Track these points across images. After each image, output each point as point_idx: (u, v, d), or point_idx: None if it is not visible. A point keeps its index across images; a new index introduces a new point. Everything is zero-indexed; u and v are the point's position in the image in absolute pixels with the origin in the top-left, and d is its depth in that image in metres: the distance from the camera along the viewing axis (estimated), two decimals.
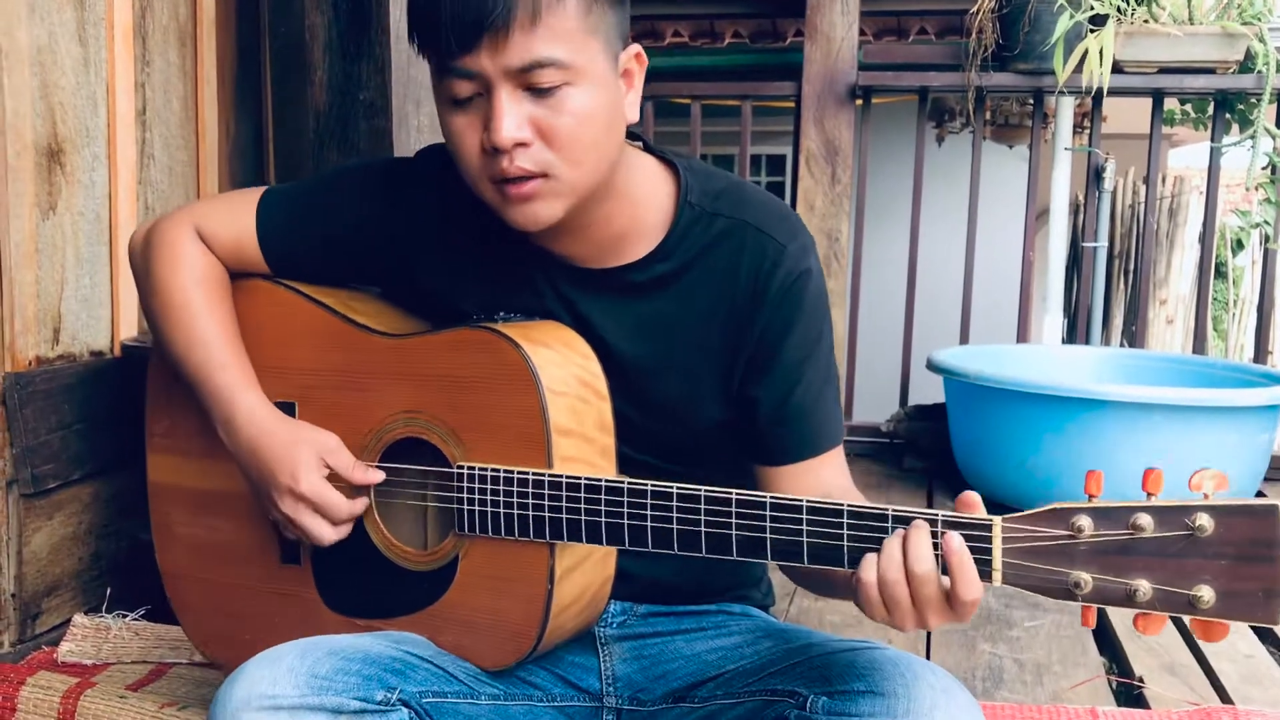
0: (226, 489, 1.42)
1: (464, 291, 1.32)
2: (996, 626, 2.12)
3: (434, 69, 1.16)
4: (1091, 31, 3.27)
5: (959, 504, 1.04)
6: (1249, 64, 3.34)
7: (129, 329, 2.13)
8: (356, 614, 1.34)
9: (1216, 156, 3.48)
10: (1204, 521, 0.94)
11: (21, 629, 1.90)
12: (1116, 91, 3.35)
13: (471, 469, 1.22)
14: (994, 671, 1.92)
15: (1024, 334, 3.74)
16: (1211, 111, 3.54)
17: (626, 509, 1.15)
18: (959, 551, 1.00)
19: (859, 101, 3.59)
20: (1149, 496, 0.97)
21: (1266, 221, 3.47)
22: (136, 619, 1.96)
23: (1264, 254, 3.56)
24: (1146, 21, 3.31)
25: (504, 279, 1.31)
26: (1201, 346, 3.63)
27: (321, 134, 2.23)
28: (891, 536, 1.04)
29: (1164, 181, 5.57)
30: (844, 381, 3.68)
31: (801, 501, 1.08)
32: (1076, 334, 4.10)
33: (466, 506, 1.23)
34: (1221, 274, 7.78)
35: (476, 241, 1.31)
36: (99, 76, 2.04)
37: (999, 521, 1.01)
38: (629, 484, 1.15)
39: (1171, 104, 4.38)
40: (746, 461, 1.32)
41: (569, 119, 1.13)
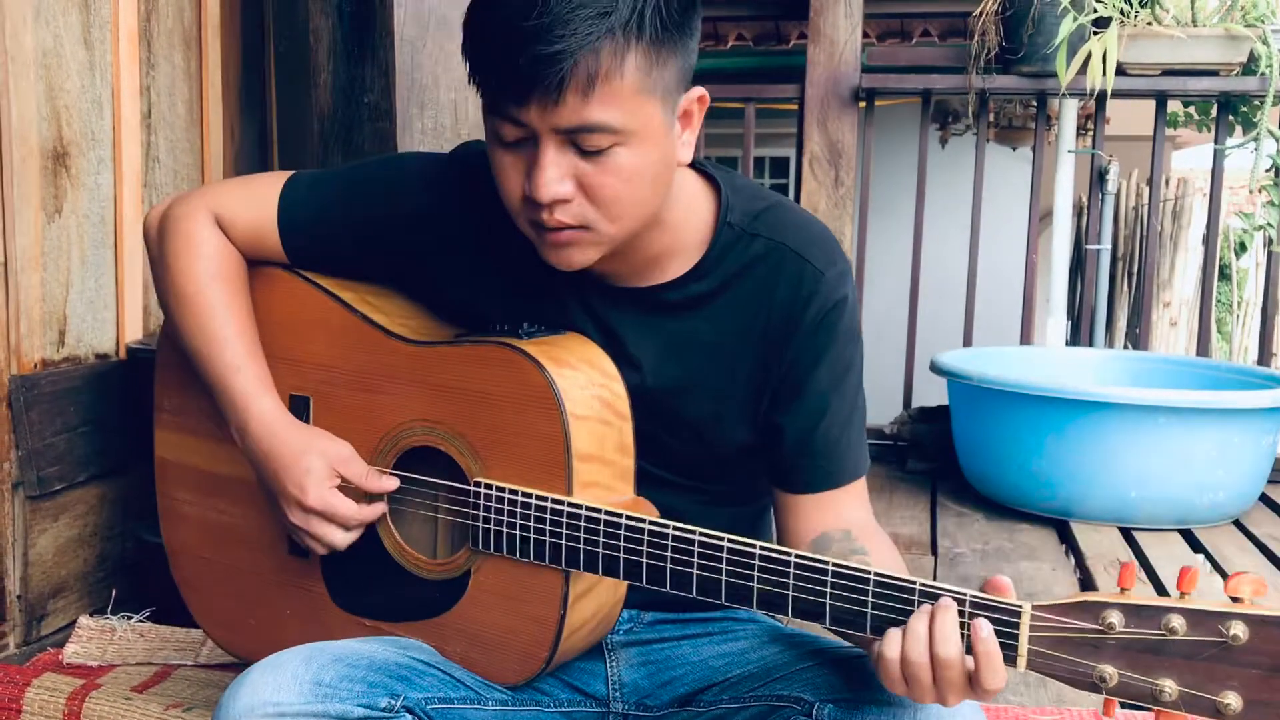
0: (236, 474, 1.41)
1: (490, 298, 1.30)
2: None
3: (484, 103, 1.12)
4: (1095, 34, 3.27)
5: (988, 587, 1.02)
6: (1252, 66, 3.34)
7: (134, 331, 2.13)
8: (363, 614, 1.33)
9: (1220, 159, 3.48)
10: (1239, 630, 0.93)
11: (27, 630, 1.90)
12: (1120, 94, 3.35)
13: (489, 487, 1.21)
14: None
15: (1027, 336, 3.74)
16: (1215, 114, 3.54)
17: (646, 548, 1.14)
18: (986, 640, 0.98)
19: (862, 104, 3.59)
20: (1182, 595, 0.96)
21: (1270, 224, 3.47)
22: (142, 621, 1.96)
23: (1268, 256, 3.56)
24: (1150, 24, 3.31)
25: (533, 289, 1.28)
26: (1205, 349, 3.63)
27: (326, 137, 2.23)
28: (918, 614, 1.02)
29: (1167, 184, 5.56)
30: None
31: (828, 564, 1.06)
32: (1080, 336, 4.10)
33: (483, 524, 1.22)
34: (1225, 276, 7.77)
35: (508, 249, 1.28)
36: (104, 80, 2.04)
37: (1028, 609, 0.99)
38: (650, 524, 1.14)
39: (1175, 106, 4.38)
40: (768, 484, 1.31)
41: (614, 179, 1.10)
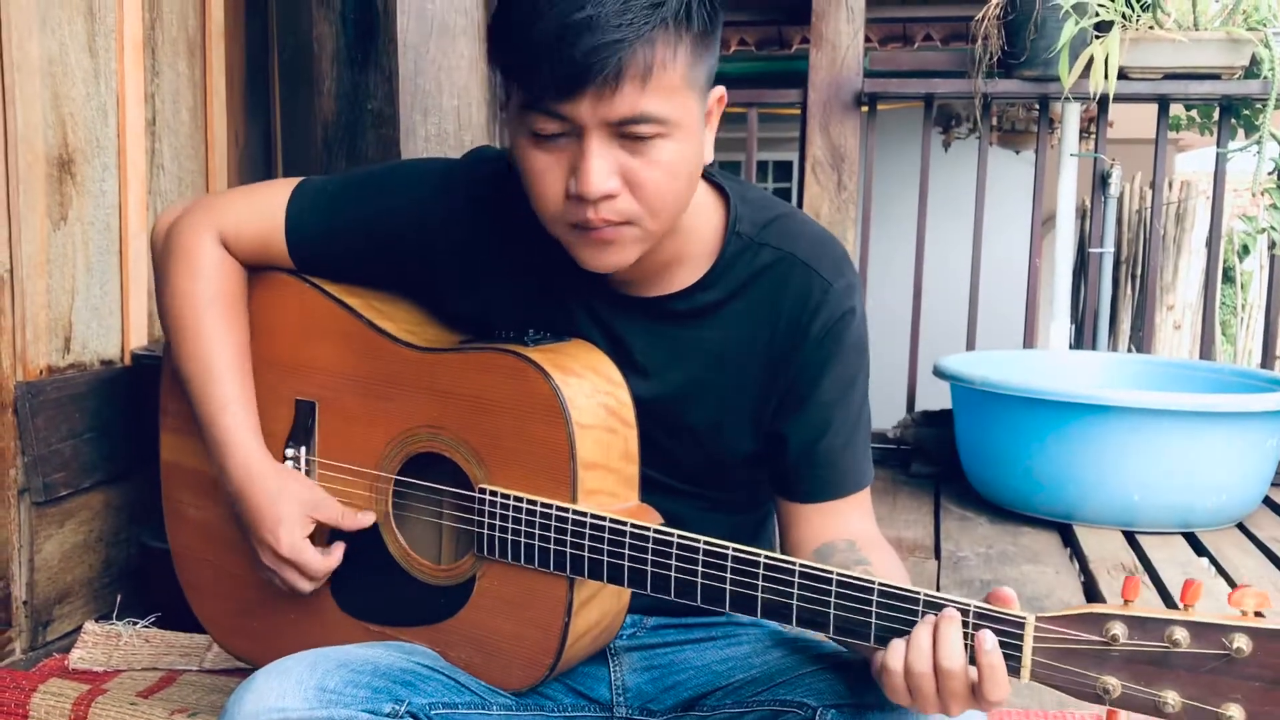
0: None
1: (497, 304, 1.30)
2: None
3: (518, 101, 1.11)
4: (1097, 38, 3.27)
5: (992, 598, 1.02)
6: (1254, 69, 3.34)
7: (139, 338, 2.14)
8: (368, 618, 1.34)
9: (1222, 162, 3.48)
10: (1242, 643, 0.93)
11: (33, 636, 1.91)
12: (1122, 98, 3.36)
13: (494, 494, 1.22)
14: None
15: (1031, 340, 3.74)
16: (1217, 117, 3.54)
17: (651, 556, 1.14)
18: (991, 652, 0.98)
19: (865, 108, 3.60)
20: (1186, 608, 0.96)
21: (1273, 227, 3.47)
22: (147, 626, 1.97)
23: (1271, 259, 3.56)
24: (1152, 28, 3.31)
25: (540, 295, 1.29)
26: (1209, 352, 3.63)
27: (329, 144, 2.24)
28: (922, 625, 1.02)
29: (1171, 187, 5.56)
30: None
31: (832, 574, 1.06)
32: (1083, 339, 4.09)
33: (488, 531, 1.22)
34: (1229, 279, 7.76)
35: (516, 255, 1.28)
36: (109, 87, 2.05)
37: (1032, 620, 0.99)
38: (655, 531, 1.14)
39: (1177, 109, 4.38)
40: (772, 493, 1.31)
41: (659, 172, 1.10)
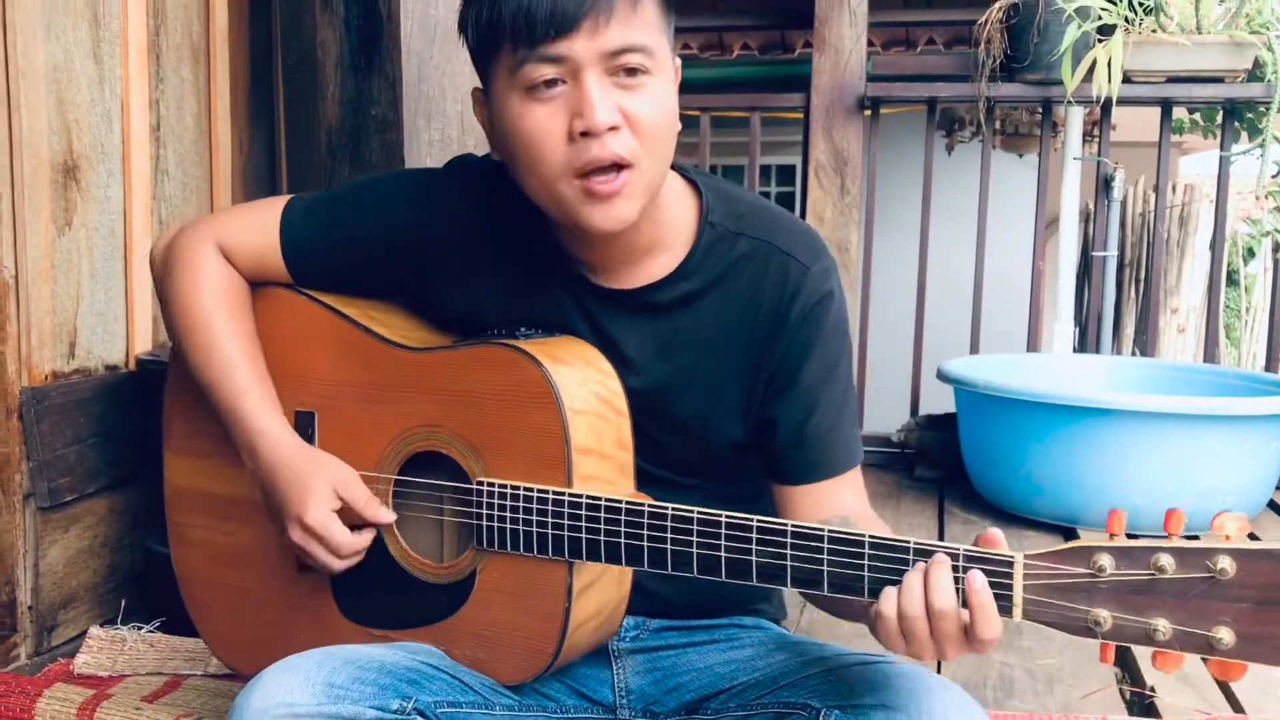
0: (243, 495, 1.42)
1: (487, 304, 1.32)
2: (1008, 636, 2.12)
3: (508, 65, 1.15)
4: (1100, 41, 3.27)
5: (981, 541, 1.03)
6: (1258, 73, 3.34)
7: (143, 343, 2.14)
8: (373, 624, 1.34)
9: (1226, 165, 3.48)
10: (1226, 565, 0.94)
11: (38, 641, 1.91)
12: (1125, 101, 3.36)
13: (491, 485, 1.23)
14: (1005, 681, 1.92)
15: (1034, 343, 3.74)
16: (1220, 120, 3.54)
17: (646, 531, 1.15)
18: (980, 590, 1.00)
19: (868, 112, 3.60)
20: (1170, 536, 0.97)
21: (1277, 229, 3.47)
22: (152, 631, 1.97)
23: (1275, 262, 3.56)
24: (1154, 31, 3.31)
25: (528, 293, 1.31)
26: (1213, 355, 3.63)
27: (334, 149, 2.24)
28: (912, 571, 1.03)
29: (1174, 190, 5.55)
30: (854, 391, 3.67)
31: (823, 531, 1.07)
32: (1087, 343, 4.09)
33: (485, 522, 1.23)
34: (1234, 282, 7.76)
35: (503, 255, 1.32)
36: (114, 93, 2.06)
37: (1020, 558, 1.00)
38: (649, 506, 1.15)
39: (1181, 113, 4.38)
40: (765, 479, 1.32)
41: (650, 104, 1.15)
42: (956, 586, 1.01)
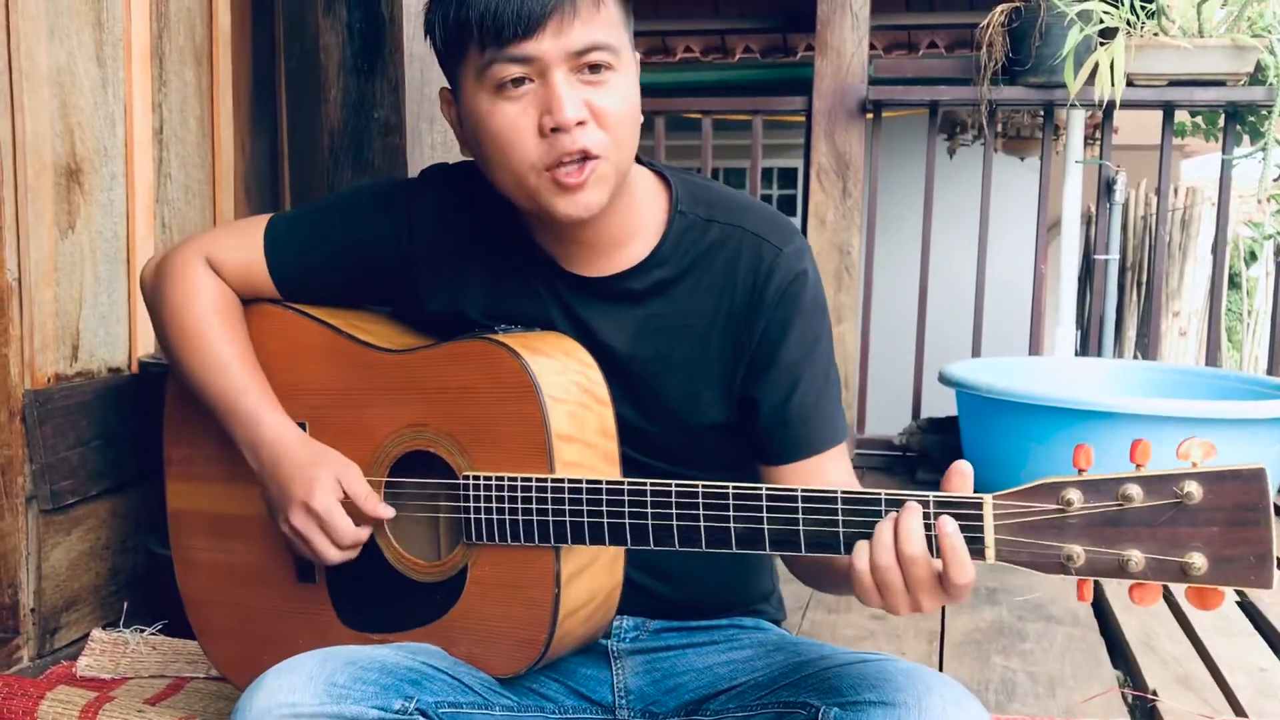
0: (244, 513, 1.44)
1: (468, 303, 1.35)
2: (1009, 639, 2.12)
3: (476, 66, 1.18)
4: (1101, 44, 3.28)
5: (950, 473, 1.05)
6: (1259, 76, 3.34)
7: (146, 346, 2.15)
8: (371, 629, 1.35)
9: (1228, 168, 3.48)
10: (1192, 489, 0.94)
11: (41, 643, 1.92)
12: (1127, 104, 3.36)
13: (476, 478, 1.24)
14: (1007, 684, 1.92)
15: (1036, 346, 3.74)
16: (1222, 123, 3.54)
17: (627, 508, 1.16)
18: (951, 535, 1.01)
19: (869, 115, 3.61)
20: (1137, 467, 0.98)
21: (1279, 233, 3.47)
22: (154, 633, 1.97)
23: (1277, 265, 3.56)
24: (1156, 34, 3.31)
25: (506, 289, 1.34)
26: (1215, 358, 3.63)
27: (336, 152, 2.25)
28: (883, 521, 1.04)
29: (1176, 193, 5.56)
30: (856, 394, 3.68)
31: (796, 491, 1.09)
32: (1089, 346, 4.10)
33: (472, 515, 1.24)
34: (1235, 285, 7.76)
35: (480, 253, 1.34)
36: (117, 97, 2.06)
37: (989, 499, 1.01)
38: (628, 484, 1.17)
39: (1182, 116, 4.38)
40: (751, 461, 1.34)
41: (615, 99, 1.18)
42: (928, 534, 1.02)
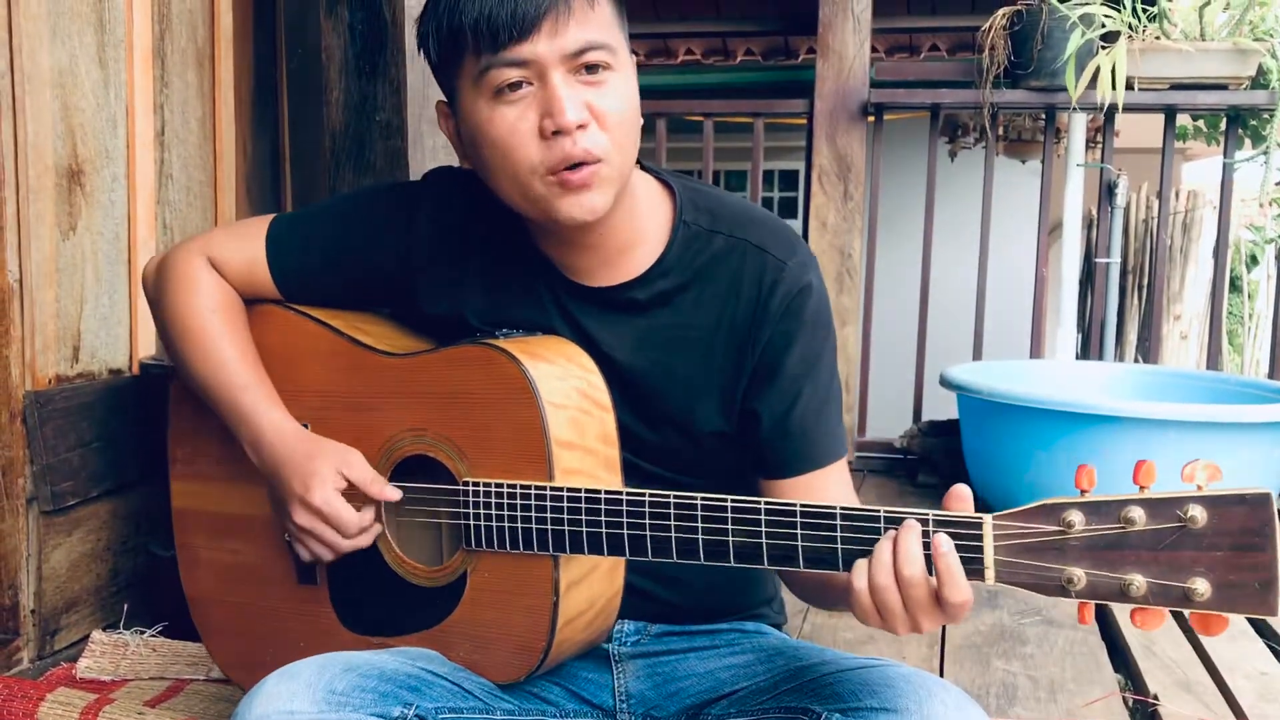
0: (247, 513, 1.44)
1: (469, 308, 1.34)
2: (1010, 643, 2.12)
3: (473, 71, 1.16)
4: (1103, 48, 3.28)
5: (949, 496, 1.04)
6: (1261, 80, 3.34)
7: (147, 347, 2.15)
8: (371, 632, 1.35)
9: (1229, 172, 3.48)
10: (1196, 512, 0.93)
11: (41, 645, 1.91)
12: (1129, 108, 3.36)
13: (475, 484, 1.24)
14: (1008, 689, 1.91)
15: (1037, 349, 3.74)
16: (1224, 127, 3.54)
17: (626, 519, 1.16)
18: (946, 554, 1.00)
19: (871, 118, 3.61)
20: (1141, 489, 0.96)
21: None
22: (154, 635, 1.97)
23: (1278, 269, 3.55)
24: (1158, 38, 3.31)
25: (508, 294, 1.33)
26: (1216, 362, 3.63)
27: (338, 154, 2.25)
28: (882, 540, 1.03)
29: (1178, 196, 5.56)
30: (858, 397, 3.68)
31: (795, 506, 1.08)
32: (1090, 349, 4.09)
33: (472, 521, 1.24)
34: (1236, 289, 7.75)
35: (482, 259, 1.34)
36: (119, 98, 2.06)
37: (989, 519, 1.00)
38: (627, 494, 1.16)
39: (1184, 119, 4.38)
40: (750, 475, 1.33)
41: (615, 100, 1.17)
42: (927, 553, 1.01)
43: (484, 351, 1.25)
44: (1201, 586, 0.93)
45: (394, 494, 1.30)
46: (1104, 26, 3.29)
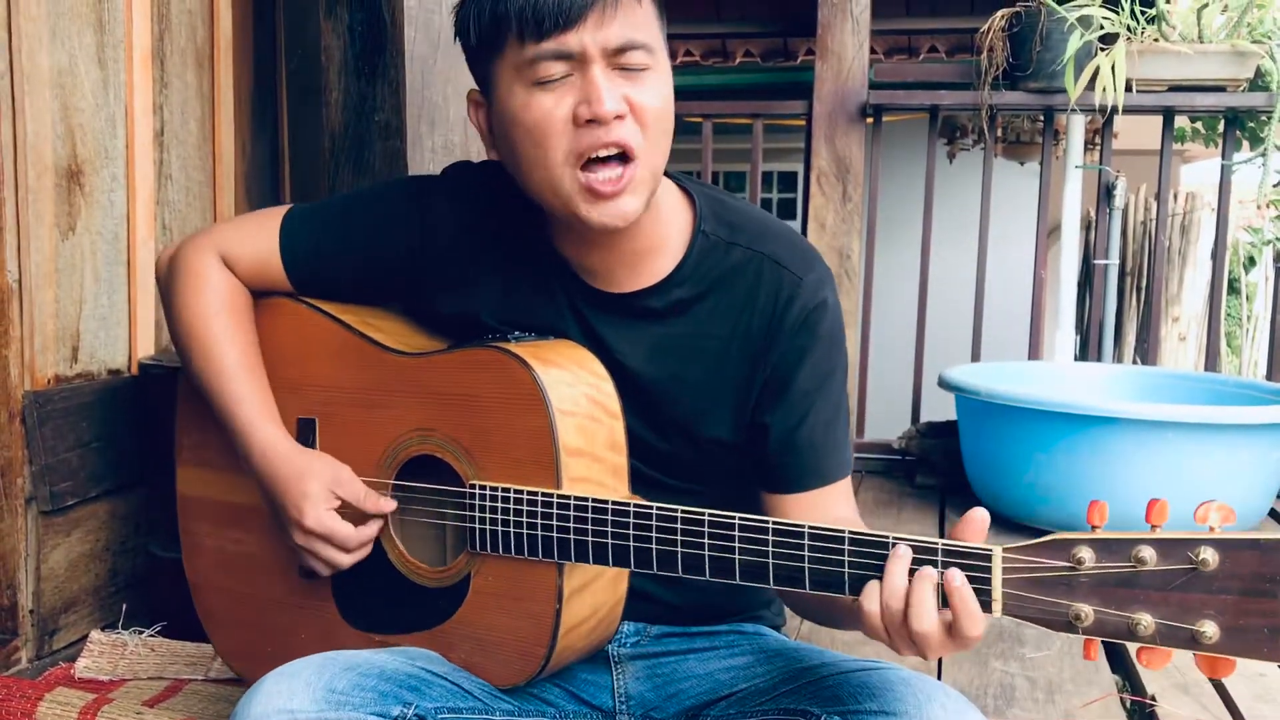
0: (251, 503, 1.43)
1: (483, 307, 1.34)
2: (1009, 644, 2.12)
3: (514, 62, 1.16)
4: (1102, 50, 3.28)
5: (964, 521, 1.03)
6: (1259, 82, 3.35)
7: (146, 347, 2.15)
8: (373, 629, 1.35)
9: (1227, 174, 3.48)
10: (1208, 555, 0.92)
11: (39, 645, 1.91)
12: (1127, 110, 3.36)
13: (482, 488, 1.24)
14: (1006, 690, 1.92)
15: (1036, 351, 3.74)
16: (1222, 129, 3.55)
17: (632, 531, 1.16)
18: (960, 589, 0.99)
19: (870, 120, 3.61)
20: (1153, 528, 0.95)
21: (1279, 238, 3.47)
22: (153, 635, 1.97)
23: (1276, 270, 3.56)
24: (1157, 40, 3.31)
25: (523, 296, 1.32)
26: (1214, 363, 3.63)
27: (337, 155, 2.25)
28: (894, 562, 1.03)
29: (1176, 198, 5.56)
30: (856, 398, 3.68)
31: (804, 527, 1.08)
32: (1089, 351, 4.10)
33: (478, 525, 1.24)
34: (1234, 290, 7.76)
35: (498, 258, 1.33)
36: (118, 98, 2.06)
37: (999, 551, 0.99)
38: (635, 506, 1.16)
39: (1182, 121, 4.38)
40: (755, 488, 1.33)
41: (653, 97, 1.17)
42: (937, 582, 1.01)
43: (495, 355, 1.24)
44: (1210, 629, 0.93)
45: (389, 505, 1.31)
46: (1102, 28, 3.29)
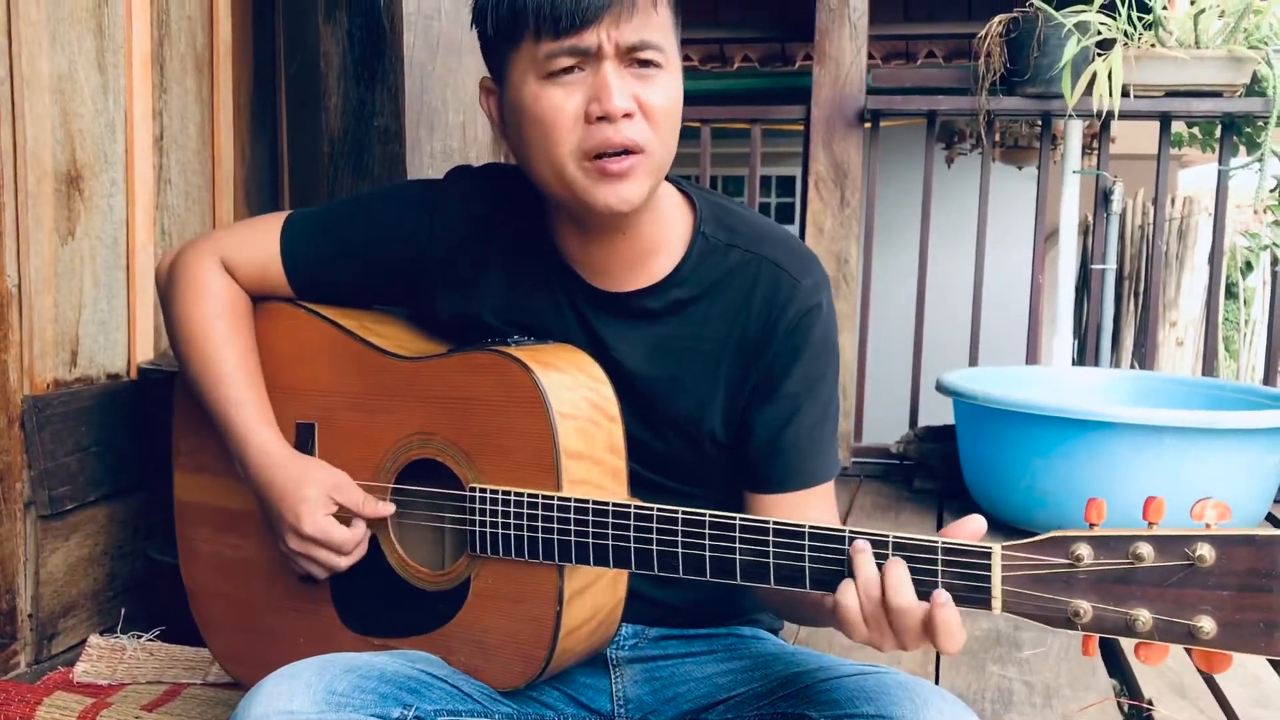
0: (248, 508, 1.44)
1: (484, 309, 1.34)
2: (1006, 648, 2.12)
3: (530, 51, 1.17)
4: (1099, 55, 3.29)
5: (959, 524, 1.04)
6: (1256, 87, 3.35)
7: (145, 352, 2.15)
8: (372, 633, 1.35)
9: (1224, 179, 3.49)
10: (1204, 551, 0.93)
11: (38, 649, 1.92)
12: (1124, 115, 3.37)
13: (482, 491, 1.24)
14: (1003, 694, 1.92)
15: (1033, 355, 3.74)
16: (1219, 134, 3.56)
17: (633, 533, 1.16)
18: (945, 605, 1.00)
19: (868, 125, 3.62)
20: (1150, 525, 0.97)
21: (1275, 243, 3.48)
22: (151, 639, 1.97)
23: (1273, 275, 3.57)
24: (1154, 45, 3.32)
25: (524, 296, 1.33)
26: (1212, 368, 3.63)
27: (336, 159, 2.26)
28: (863, 559, 1.03)
29: (1173, 203, 5.57)
30: (854, 403, 3.68)
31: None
32: (1086, 355, 4.10)
33: (478, 528, 1.24)
34: (1232, 295, 7.76)
35: (499, 260, 1.34)
36: (118, 104, 2.07)
37: (998, 549, 1.00)
38: (635, 508, 1.16)
39: (1179, 126, 4.39)
40: (738, 487, 1.34)
41: (662, 98, 1.18)
42: (936, 582, 1.01)
43: (495, 359, 1.25)
44: (1207, 625, 0.94)
45: (388, 509, 1.32)
46: (1100, 34, 3.30)
